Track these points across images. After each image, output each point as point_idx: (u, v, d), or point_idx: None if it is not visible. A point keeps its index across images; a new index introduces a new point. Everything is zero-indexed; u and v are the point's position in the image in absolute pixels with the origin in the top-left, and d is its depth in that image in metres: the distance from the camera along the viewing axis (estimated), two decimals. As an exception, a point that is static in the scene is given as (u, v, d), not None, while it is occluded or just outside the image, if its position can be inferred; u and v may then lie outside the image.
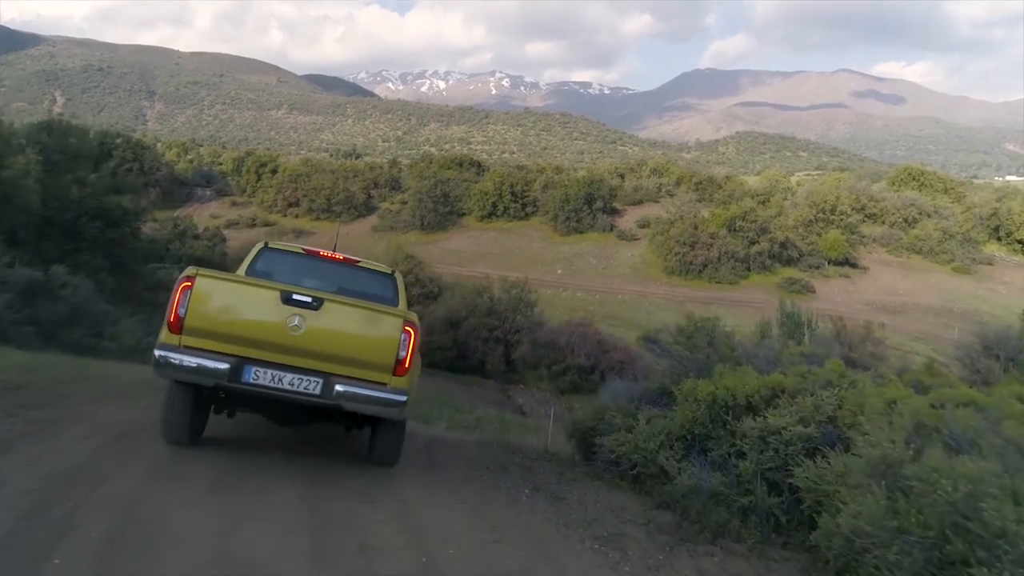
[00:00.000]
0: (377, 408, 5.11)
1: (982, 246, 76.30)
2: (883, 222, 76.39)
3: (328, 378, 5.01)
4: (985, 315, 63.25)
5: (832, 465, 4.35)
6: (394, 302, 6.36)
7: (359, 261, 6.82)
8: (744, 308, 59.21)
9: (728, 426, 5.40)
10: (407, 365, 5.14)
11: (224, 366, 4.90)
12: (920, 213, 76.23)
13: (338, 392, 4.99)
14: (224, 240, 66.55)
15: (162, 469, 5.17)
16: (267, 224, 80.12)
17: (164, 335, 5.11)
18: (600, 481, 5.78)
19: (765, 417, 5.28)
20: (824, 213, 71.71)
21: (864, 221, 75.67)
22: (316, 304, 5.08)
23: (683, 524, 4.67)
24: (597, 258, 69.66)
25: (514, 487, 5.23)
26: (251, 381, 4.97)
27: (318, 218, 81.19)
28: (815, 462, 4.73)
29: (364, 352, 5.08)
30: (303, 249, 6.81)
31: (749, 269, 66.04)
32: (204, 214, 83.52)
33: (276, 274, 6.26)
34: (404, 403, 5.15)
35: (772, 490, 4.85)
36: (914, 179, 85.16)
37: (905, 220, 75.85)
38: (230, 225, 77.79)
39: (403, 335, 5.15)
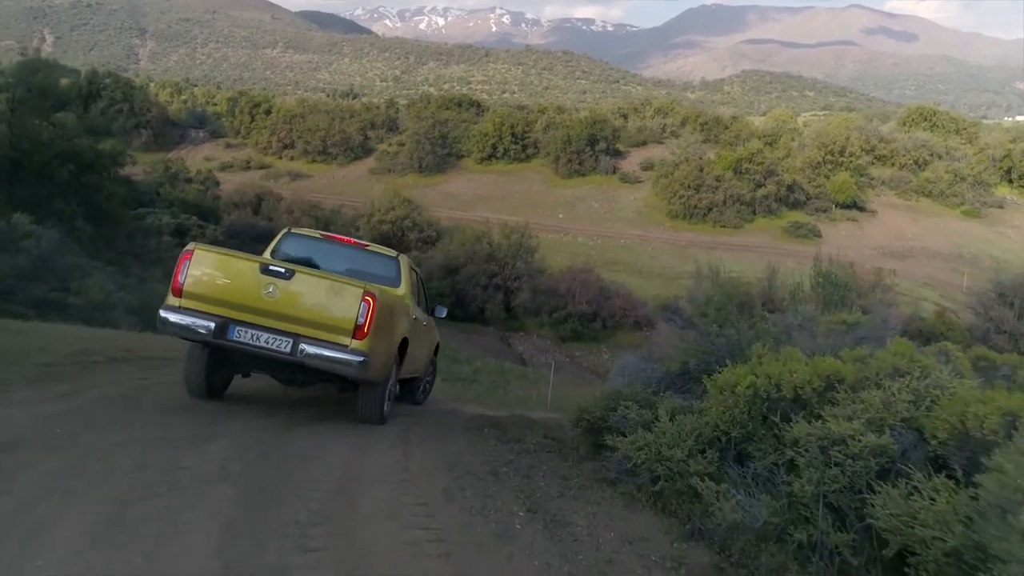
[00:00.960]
0: (336, 366, 5.76)
1: (993, 189, 74.46)
2: (893, 164, 74.42)
3: (296, 338, 5.70)
4: (995, 260, 62.11)
5: (931, 501, 3.24)
6: (396, 281, 7.09)
7: (368, 245, 7.80)
8: (748, 253, 57.95)
9: (775, 428, 4.29)
10: (366, 330, 5.72)
11: (211, 324, 5.67)
12: (931, 155, 74.19)
13: (303, 351, 5.69)
14: (217, 183, 64.80)
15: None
16: (262, 167, 78.22)
17: (168, 298, 5.91)
18: (612, 489, 4.71)
19: (822, 419, 4.16)
20: (833, 155, 69.70)
21: (873, 163, 73.68)
22: (288, 275, 5.77)
23: (724, 568, 3.62)
24: (599, 202, 68.03)
25: (505, 506, 4.17)
26: (234, 338, 5.72)
27: (314, 160, 79.22)
28: (895, 485, 3.62)
29: (327, 317, 5.76)
30: (320, 234, 7.66)
31: (755, 213, 64.51)
32: (197, 157, 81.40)
33: (296, 253, 7.11)
34: (362, 363, 5.73)
35: (837, 519, 3.78)
36: (926, 119, 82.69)
37: (915, 162, 73.86)
38: (224, 168, 75.84)
39: (363, 304, 5.73)
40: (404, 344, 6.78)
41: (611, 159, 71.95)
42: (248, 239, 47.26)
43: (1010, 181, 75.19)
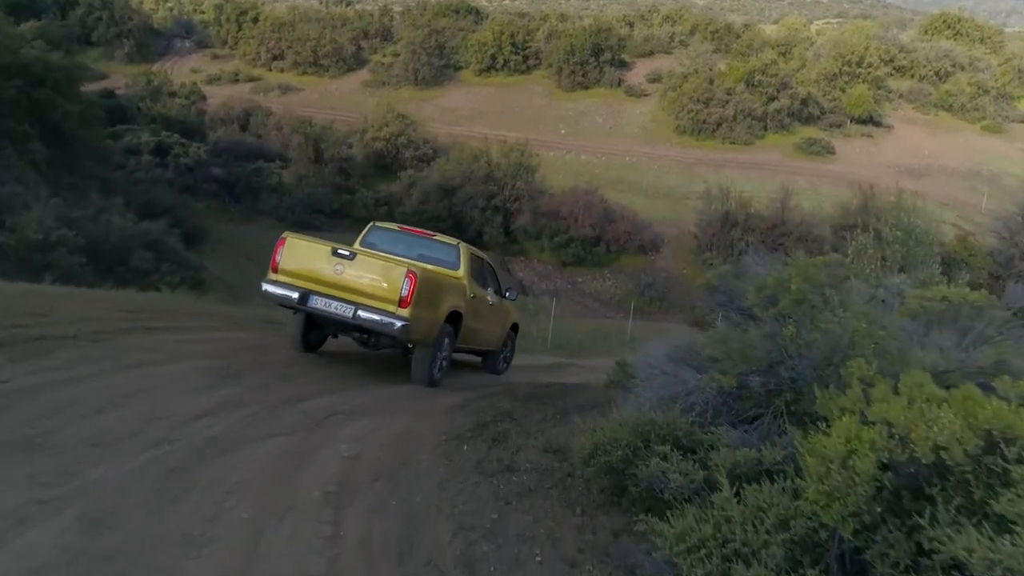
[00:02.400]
0: (384, 327, 6.93)
1: (1016, 102, 71.01)
2: (912, 76, 70.71)
3: (356, 306, 6.97)
4: (1016, 179, 59.74)
5: None
6: (455, 265, 8.43)
7: (435, 235, 9.00)
8: (759, 171, 55.54)
9: (912, 525, 2.68)
10: (409, 300, 6.87)
11: (296, 294, 7.07)
12: (953, 65, 70.39)
13: (359, 315, 6.93)
14: (203, 98, 61.60)
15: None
16: (251, 79, 74.47)
17: (268, 274, 7.31)
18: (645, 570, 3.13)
19: (994, 519, 2.53)
20: (850, 66, 66.03)
21: (892, 75, 69.95)
22: (351, 256, 7.19)
23: None
24: (604, 116, 64.88)
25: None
26: (312, 305, 7.07)
27: (305, 72, 75.36)
28: None
29: (379, 290, 7.00)
30: (399, 227, 9.26)
31: (766, 128, 61.57)
32: (183, 69, 77.41)
33: (379, 244, 8.55)
34: (403, 326, 6.87)
35: None
36: (949, 27, 78.18)
37: (936, 73, 70.18)
38: (211, 81, 72.17)
39: (406, 280, 6.92)
40: (457, 318, 7.94)
41: (616, 71, 68.28)
42: (234, 157, 45.06)
43: (1034, 94, 71.67)
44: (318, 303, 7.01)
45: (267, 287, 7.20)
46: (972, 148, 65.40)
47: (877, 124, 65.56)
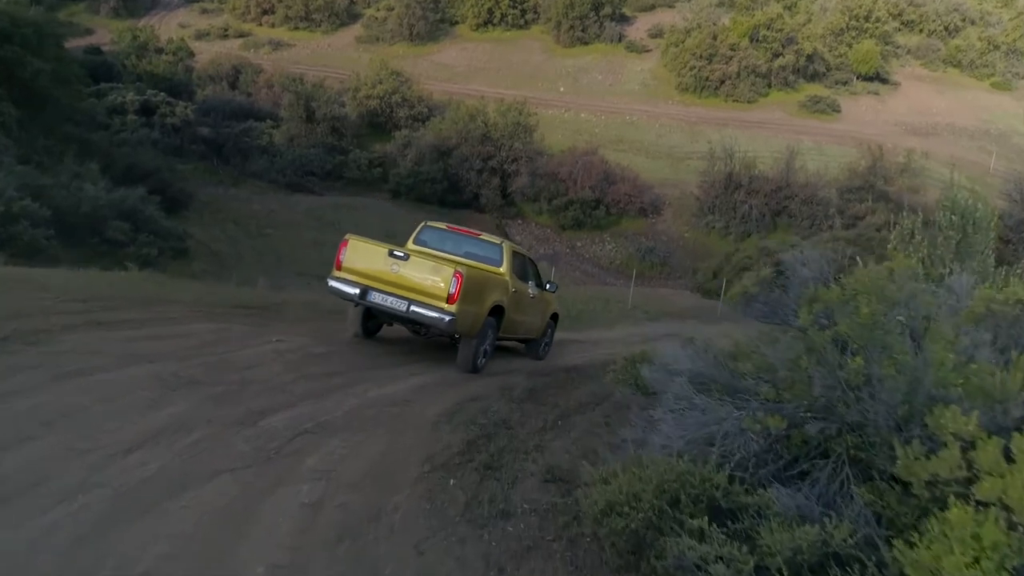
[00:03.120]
0: (433, 320, 7.57)
1: (1026, 58, 69.26)
2: (921, 31, 68.79)
3: (410, 301, 7.63)
4: (1023, 137, 58.42)
5: None
6: (499, 262, 9.11)
7: (480, 235, 9.70)
8: (762, 130, 54.19)
9: None
10: (455, 297, 7.50)
11: (357, 290, 7.77)
12: (963, 20, 68.38)
13: (412, 310, 7.60)
14: (191, 54, 59.72)
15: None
16: (240, 35, 72.27)
17: (333, 271, 8.03)
18: None
19: None
20: (858, 20, 64.06)
21: (900, 29, 67.98)
22: (405, 257, 7.88)
23: None
24: (603, 73, 63.10)
25: None
26: (371, 299, 7.80)
27: (296, 28, 73.05)
28: None
29: (430, 287, 7.65)
30: (447, 226, 9.86)
31: (770, 86, 60.00)
32: (171, 24, 75.08)
33: (429, 242, 9.34)
34: (450, 320, 7.50)
35: None
36: (960, -21, 75.64)
37: (946, 28, 68.24)
38: (200, 36, 70.07)
39: (454, 278, 7.56)
40: (499, 311, 8.51)
41: (616, 25, 66.22)
42: (223, 116, 43.66)
43: (1045, 49, 69.76)
44: (376, 298, 7.75)
45: (332, 283, 7.96)
46: (981, 106, 63.90)
47: (884, 81, 63.99)
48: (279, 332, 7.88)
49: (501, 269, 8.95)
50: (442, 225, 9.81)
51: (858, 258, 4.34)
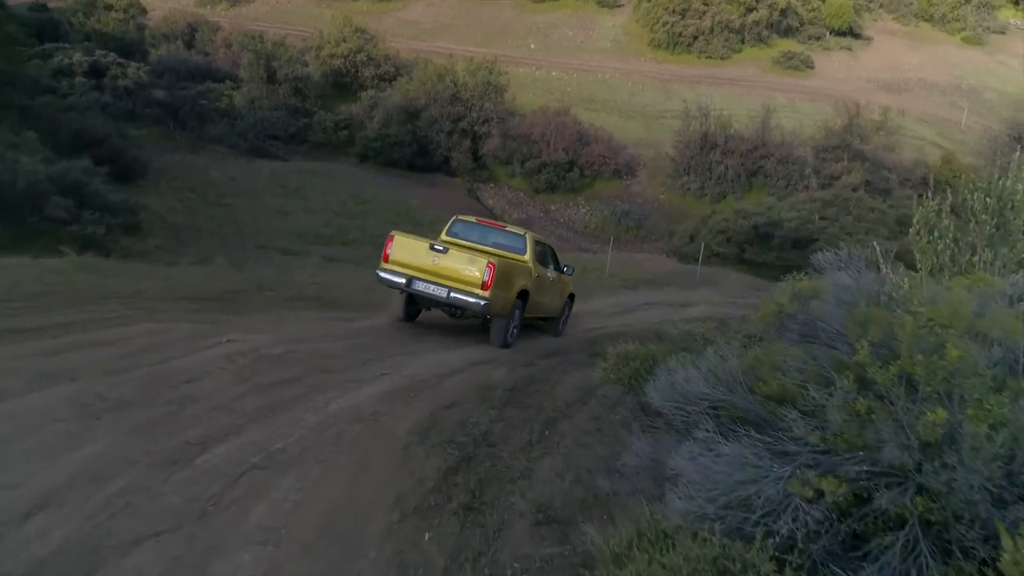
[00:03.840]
0: (470, 305, 8.76)
1: (998, 12, 69.06)
2: (894, -16, 68.04)
3: (449, 288, 8.77)
4: (995, 93, 58.39)
5: None
6: (522, 251, 10.13)
7: (506, 226, 11.38)
8: (736, 88, 53.41)
9: None
10: (489, 284, 8.67)
11: (403, 280, 8.91)
12: (935, -27, 67.68)
13: (451, 296, 8.76)
14: (143, 11, 56.75)
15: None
16: (196, -10, 69.02)
17: (381, 264, 9.13)
18: None
19: None
20: (831, -27, 63.00)
21: (872, -17, 67.23)
22: (444, 250, 8.97)
23: None
24: (575, 30, 61.57)
25: None
26: (415, 288, 8.92)
27: (254, -17, 69.99)
28: None
29: (466, 276, 8.77)
30: (476, 219, 11.23)
31: (743, 41, 59.14)
32: (121, -22, 71.39)
33: (461, 233, 10.39)
34: (485, 304, 8.70)
35: None
36: (932, -70, 74.66)
37: (918, -19, 67.58)
38: (152, -9, 66.72)
39: (487, 268, 8.69)
40: (525, 294, 9.55)
41: (588, -21, 64.41)
42: (179, 77, 41.59)
43: (1016, 2, 69.58)
44: (419, 286, 8.85)
45: (381, 274, 9.05)
46: (952, 61, 63.71)
47: (857, 36, 63.52)
48: (232, 328, 7.07)
49: (525, 257, 10.05)
50: (472, 219, 11.11)
51: (898, 271, 3.71)
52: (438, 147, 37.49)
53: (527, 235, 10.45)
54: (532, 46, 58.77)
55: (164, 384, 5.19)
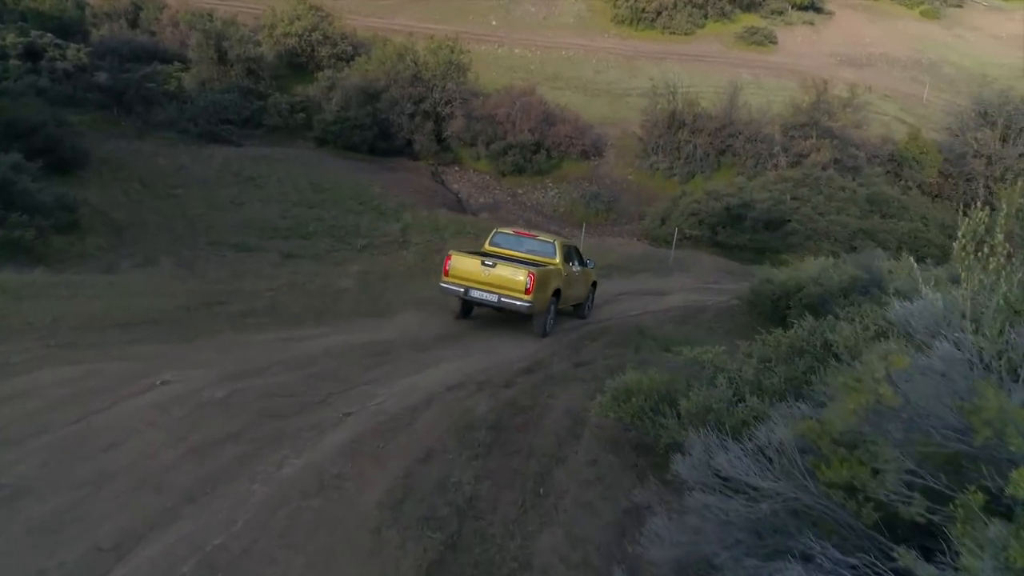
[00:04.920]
0: (516, 307, 10.88)
1: (955, -15, 69.91)
2: (854, -43, 67.94)
3: (499, 294, 10.90)
4: (955, 67, 58.85)
5: None
6: (553, 256, 12.30)
7: (537, 235, 13.13)
8: (701, 64, 52.84)
9: None
10: (530, 290, 10.75)
11: (461, 289, 11.13)
12: (895, -54, 67.82)
13: (501, 300, 10.89)
14: (85, -12, 53.80)
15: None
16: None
17: (442, 278, 11.37)
18: None
19: None
20: (792, -54, 62.69)
21: (833, -44, 67.04)
22: (494, 264, 11.05)
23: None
24: (537, 5, 60.33)
25: None
26: (473, 295, 11.11)
27: (202, -43, 67.00)
28: None
29: (512, 284, 10.87)
30: (513, 231, 13.44)
31: (706, 16, 58.68)
32: (58, -47, 67.80)
33: (501, 243, 12.74)
34: (528, 306, 10.85)
35: None
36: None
37: (878, -46, 67.59)
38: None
39: (528, 277, 10.78)
40: (557, 292, 11.80)
41: (549, -47, 62.98)
42: (123, 59, 39.38)
43: (972, -24, 70.22)
44: (475, 294, 11.00)
45: (443, 285, 11.27)
46: (911, 35, 64.06)
47: (818, 11, 63.54)
48: (169, 363, 6.09)
49: (556, 260, 12.25)
50: (509, 230, 13.45)
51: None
52: (400, 130, 36.16)
53: (556, 242, 12.77)
54: (493, 22, 57.38)
55: (77, 455, 4.24)
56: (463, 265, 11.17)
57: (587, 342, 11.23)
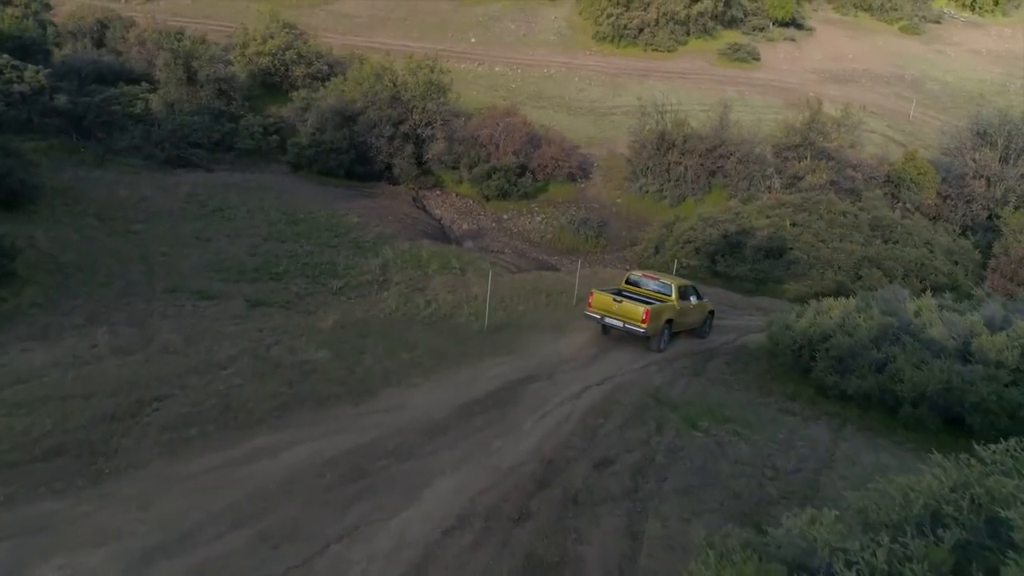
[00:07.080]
0: (637, 331, 14.98)
1: (932, 1, 70.01)
2: (832, -27, 67.89)
3: (625, 322, 15.07)
4: (935, 82, 58.47)
5: None
6: (669, 293, 16.36)
7: (660, 276, 17.36)
8: (685, 81, 51.99)
9: None
10: (646, 320, 14.78)
11: (599, 316, 15.55)
12: (873, -38, 67.80)
13: (626, 326, 15.07)
14: (48, 6, 51.68)
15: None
16: (107, -17, 63.88)
17: (587, 308, 15.85)
18: None
19: None
20: (773, -38, 62.19)
21: (812, -27, 66.88)
22: (621, 300, 15.36)
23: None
24: (516, 22, 59.23)
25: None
26: (606, 322, 15.48)
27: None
28: None
29: (634, 315, 14.98)
30: (643, 273, 17.50)
31: (688, 33, 57.96)
32: (22, -31, 65.59)
33: (635, 282, 17.03)
34: (644, 331, 14.97)
35: None
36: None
37: (856, -29, 67.61)
38: (58, -16, 61.35)
39: (645, 311, 14.84)
40: (670, 321, 15.95)
41: (528, -30, 61.98)
42: (86, 80, 37.44)
43: (951, -9, 70.39)
44: (608, 320, 15.33)
45: (587, 313, 15.72)
46: (892, 51, 63.75)
47: (799, 27, 63.15)
48: (62, 540, 4.41)
49: (671, 297, 16.21)
50: (639, 273, 17.46)
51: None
52: (378, 153, 34.60)
53: (673, 283, 16.68)
54: (473, 40, 56.14)
55: None
56: (600, 300, 15.45)
57: (601, 419, 9.65)
